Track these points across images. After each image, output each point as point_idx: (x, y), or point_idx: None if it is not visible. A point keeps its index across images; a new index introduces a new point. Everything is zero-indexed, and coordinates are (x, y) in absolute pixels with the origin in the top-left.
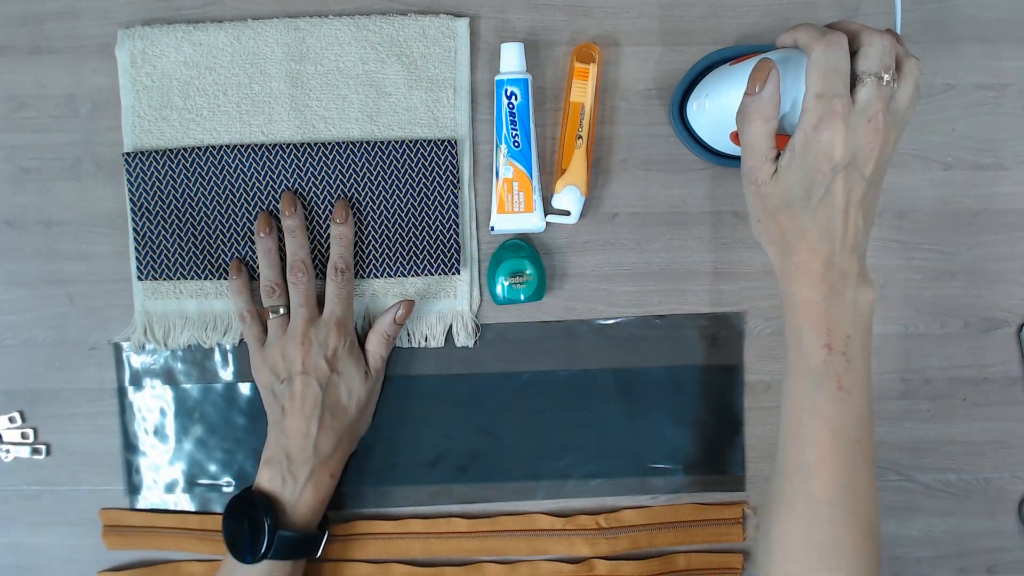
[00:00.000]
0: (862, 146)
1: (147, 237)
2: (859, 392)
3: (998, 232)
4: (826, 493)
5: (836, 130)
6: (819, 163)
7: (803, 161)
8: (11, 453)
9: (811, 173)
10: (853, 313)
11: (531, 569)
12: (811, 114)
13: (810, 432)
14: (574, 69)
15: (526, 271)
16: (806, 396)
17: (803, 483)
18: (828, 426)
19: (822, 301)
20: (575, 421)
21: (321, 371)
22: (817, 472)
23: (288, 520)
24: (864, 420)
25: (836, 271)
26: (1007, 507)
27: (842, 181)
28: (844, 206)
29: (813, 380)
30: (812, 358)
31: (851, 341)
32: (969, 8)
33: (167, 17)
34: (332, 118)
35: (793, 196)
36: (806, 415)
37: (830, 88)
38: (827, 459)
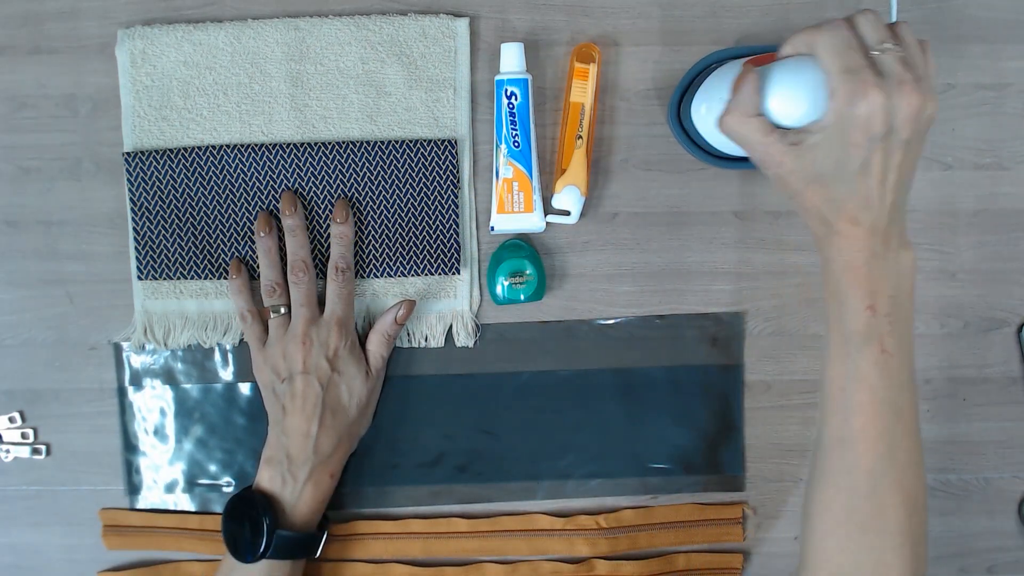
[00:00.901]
0: (900, 110)
1: (147, 237)
2: (902, 356)
3: (998, 232)
4: (868, 463)
5: (874, 100)
6: (855, 137)
7: (837, 137)
8: (11, 453)
9: (844, 147)
10: (896, 275)
11: (531, 569)
12: (842, 90)
13: (852, 399)
14: (574, 69)
15: (526, 271)
16: (848, 362)
17: (844, 455)
18: (870, 392)
19: (864, 265)
20: (575, 421)
21: (322, 371)
22: (859, 441)
23: (288, 520)
24: (906, 386)
25: (878, 237)
26: (1007, 507)
27: (880, 152)
28: (882, 174)
29: (856, 344)
30: (855, 321)
31: (894, 302)
32: (969, 8)
33: (167, 17)
34: (332, 118)
35: (823, 169)
36: (849, 382)
37: (853, 62)
38: (869, 426)
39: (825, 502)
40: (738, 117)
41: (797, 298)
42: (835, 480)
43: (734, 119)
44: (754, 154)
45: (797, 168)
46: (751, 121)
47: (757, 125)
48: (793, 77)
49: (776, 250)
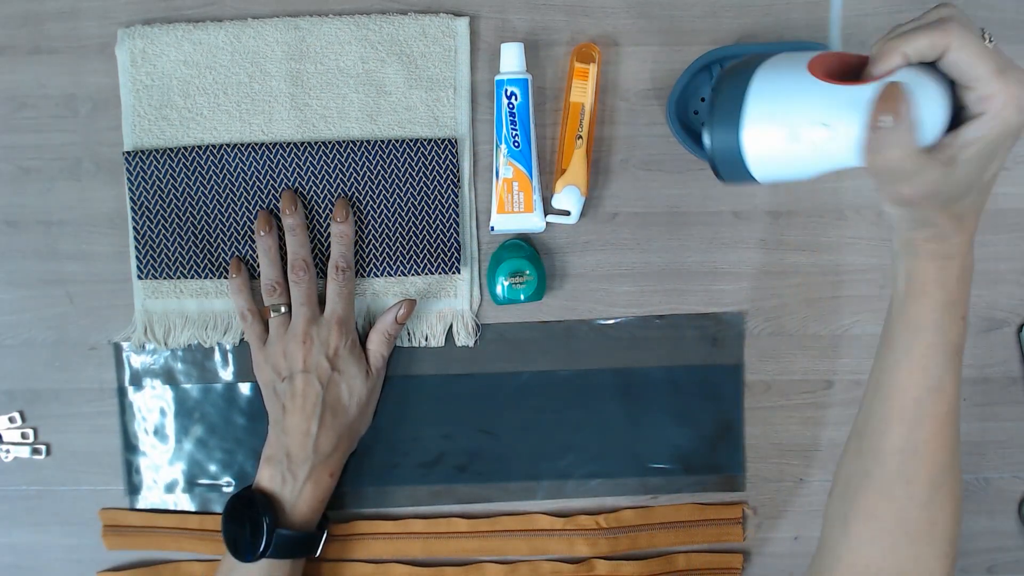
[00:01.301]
0: None
1: (147, 236)
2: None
3: (998, 232)
4: (929, 473)
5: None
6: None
7: (992, 146)
8: (11, 453)
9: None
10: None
11: (531, 569)
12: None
13: (928, 410)
14: (574, 69)
15: (526, 271)
16: (934, 372)
17: (906, 464)
18: (947, 402)
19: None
20: (575, 421)
21: (322, 370)
22: (925, 452)
23: (287, 519)
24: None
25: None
26: (1007, 507)
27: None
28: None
29: (949, 356)
30: (953, 332)
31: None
32: (969, 8)
33: (167, 17)
34: (332, 117)
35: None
36: (928, 393)
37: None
38: (938, 437)
39: (871, 509)
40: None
41: (797, 298)
42: (889, 489)
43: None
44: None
45: (944, 190)
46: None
47: (919, 156)
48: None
49: (776, 250)
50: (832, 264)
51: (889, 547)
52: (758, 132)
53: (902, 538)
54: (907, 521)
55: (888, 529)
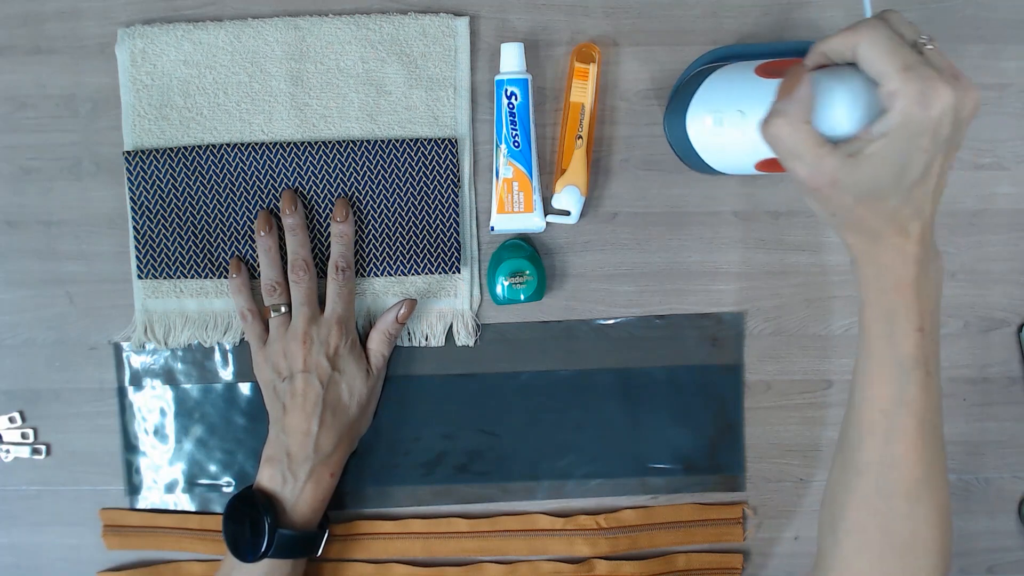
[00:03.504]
0: (965, 107)
1: (147, 236)
2: (937, 374)
3: (998, 232)
4: (907, 487)
5: (946, 100)
6: (921, 141)
7: (900, 143)
8: (11, 453)
9: (908, 153)
10: (935, 288)
11: (531, 569)
12: (908, 90)
13: (896, 423)
14: (574, 69)
15: (526, 271)
16: (894, 385)
17: (883, 476)
18: (916, 416)
19: (914, 281)
20: (575, 421)
21: (323, 369)
22: (900, 466)
23: (288, 519)
24: (939, 404)
25: (923, 247)
26: (1007, 507)
27: (942, 154)
28: (937, 178)
29: (905, 368)
30: (906, 344)
31: (934, 318)
32: (969, 8)
33: (167, 16)
34: (332, 117)
35: (881, 181)
36: (894, 406)
37: (910, 59)
38: (912, 451)
39: (857, 521)
40: (792, 122)
41: (797, 298)
42: (870, 502)
43: (787, 124)
44: (803, 168)
45: (851, 182)
46: (804, 128)
47: (809, 134)
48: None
49: (776, 250)
50: (832, 264)
51: (876, 558)
52: (695, 118)
53: (888, 550)
54: (891, 533)
55: (874, 541)
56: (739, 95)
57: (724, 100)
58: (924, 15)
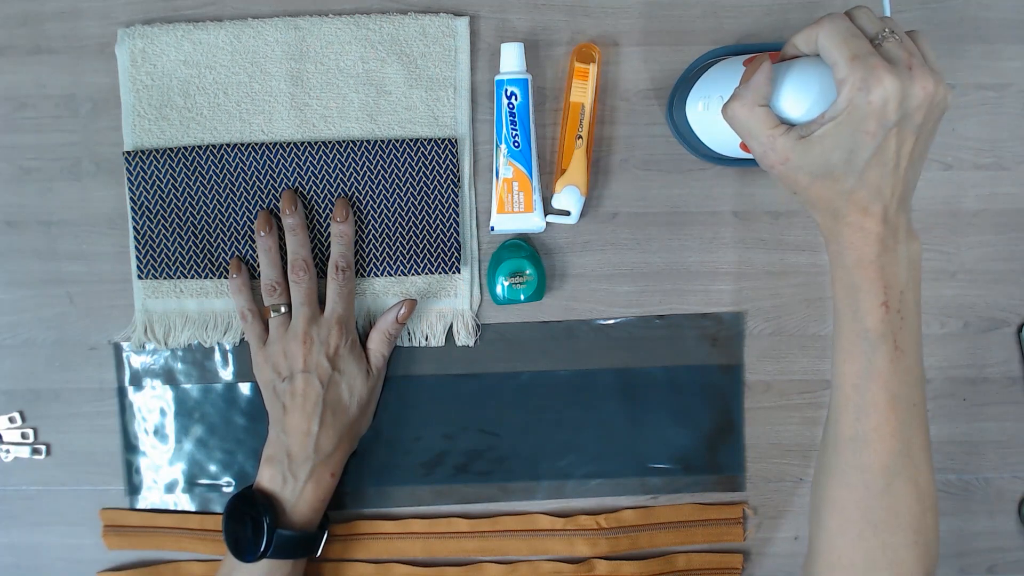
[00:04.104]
0: (915, 95)
1: (147, 236)
2: (913, 351)
3: (998, 232)
4: (883, 461)
5: (887, 86)
6: (867, 125)
7: (847, 127)
8: (11, 453)
9: (855, 136)
10: (907, 268)
11: (531, 569)
12: (853, 78)
13: (867, 397)
14: (574, 69)
15: (526, 271)
16: (862, 359)
17: (858, 453)
18: (886, 389)
19: (876, 259)
20: (575, 421)
21: (323, 369)
22: (873, 440)
23: (288, 519)
24: (919, 381)
25: (889, 227)
26: (1007, 507)
27: (894, 137)
28: (895, 161)
29: (870, 342)
30: (869, 318)
31: (904, 297)
32: (969, 8)
33: (167, 16)
34: (332, 117)
35: (832, 162)
36: (863, 380)
37: (860, 48)
38: (884, 425)
39: (837, 500)
40: (746, 104)
41: (797, 298)
42: (847, 478)
43: (741, 107)
44: (757, 147)
45: (805, 162)
46: (758, 110)
47: (764, 115)
48: (802, 72)
49: (776, 250)
50: None
51: (856, 536)
52: (692, 104)
53: (867, 527)
54: (869, 510)
55: (853, 519)
56: (725, 83)
57: (713, 88)
58: (924, 15)
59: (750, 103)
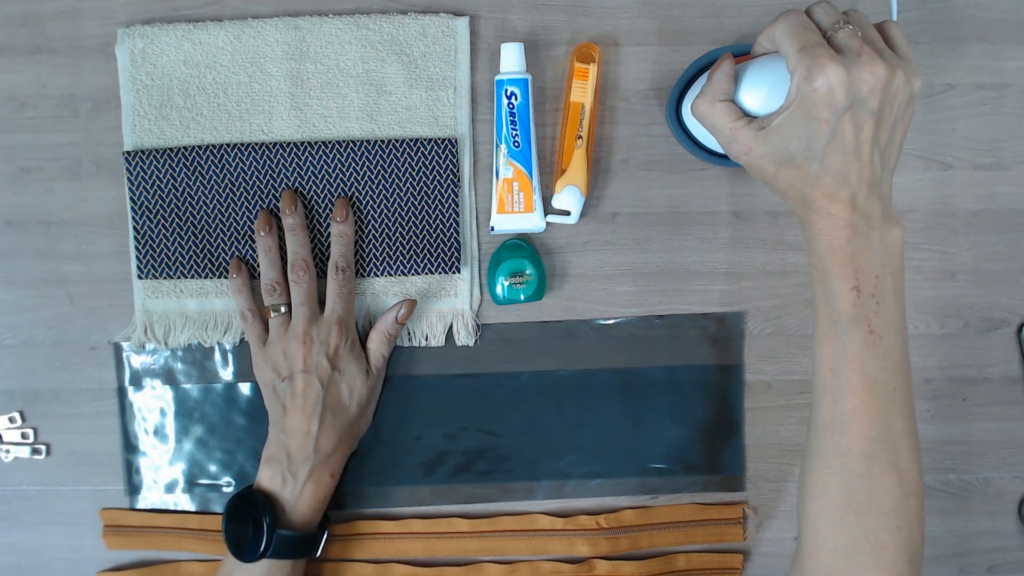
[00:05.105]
0: (863, 80)
1: (147, 236)
2: (892, 335)
3: (998, 232)
4: (861, 445)
5: (831, 72)
6: (818, 111)
7: (800, 114)
8: (11, 453)
9: (809, 123)
10: (881, 253)
11: (531, 569)
12: (800, 68)
13: (842, 381)
14: (574, 69)
15: (526, 271)
16: (836, 343)
17: (837, 436)
18: (861, 372)
19: (847, 244)
20: (575, 421)
21: (323, 369)
22: (851, 423)
23: (288, 519)
24: (899, 366)
25: (859, 213)
26: (1007, 507)
27: (849, 122)
28: (855, 146)
29: (843, 325)
30: (841, 303)
31: (880, 282)
32: (969, 8)
33: (167, 16)
34: (332, 117)
35: (791, 149)
36: (838, 363)
37: (808, 39)
38: (861, 408)
39: (819, 484)
40: (707, 100)
41: (797, 298)
42: (828, 462)
43: (703, 102)
44: (722, 139)
45: (766, 151)
46: (719, 105)
47: (724, 109)
48: (759, 67)
49: (776, 250)
50: None
51: (839, 520)
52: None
53: (848, 512)
54: (850, 493)
55: (835, 504)
56: None
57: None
58: (924, 15)
59: (710, 99)
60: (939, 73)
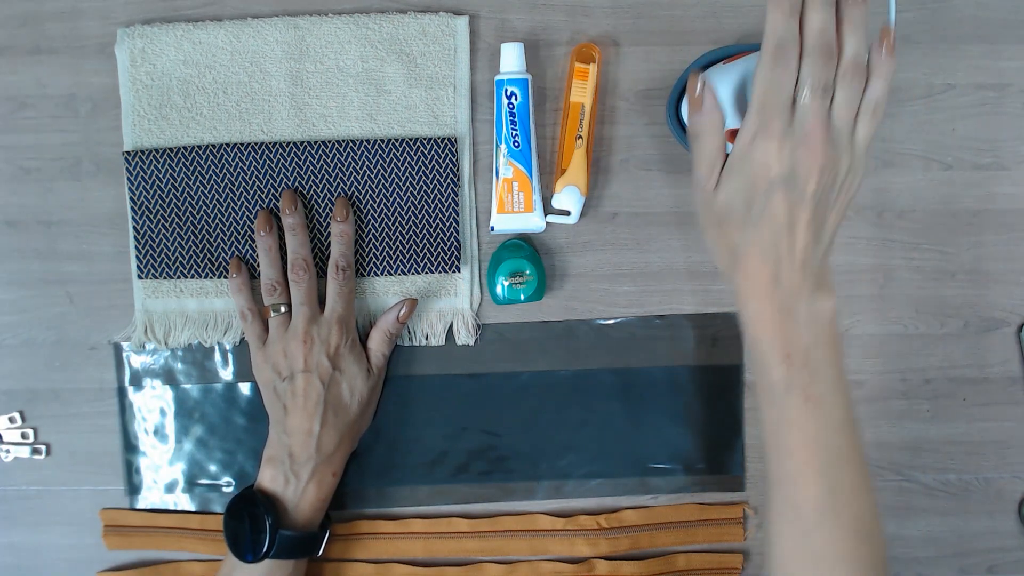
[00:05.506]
0: (800, 163)
1: (147, 236)
2: (832, 398)
3: (998, 232)
4: (811, 500)
5: (769, 146)
6: (756, 177)
7: (741, 173)
8: (11, 453)
9: (750, 186)
10: (810, 325)
11: (531, 569)
12: (749, 128)
13: (786, 442)
14: (574, 69)
15: (526, 271)
16: (775, 407)
17: (788, 492)
18: (802, 435)
19: (775, 315)
20: (575, 421)
21: (323, 369)
22: (798, 481)
23: (290, 519)
24: (842, 426)
25: (784, 288)
26: (1007, 507)
27: (782, 197)
28: (788, 224)
29: (778, 393)
30: (773, 373)
31: (811, 352)
32: (969, 8)
33: (167, 16)
34: (332, 116)
35: (734, 207)
36: (779, 427)
37: (768, 104)
38: (806, 467)
39: (779, 534)
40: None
41: None
42: (784, 514)
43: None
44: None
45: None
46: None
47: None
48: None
49: None
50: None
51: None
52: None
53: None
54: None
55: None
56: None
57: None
58: (924, 15)
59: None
60: (939, 73)
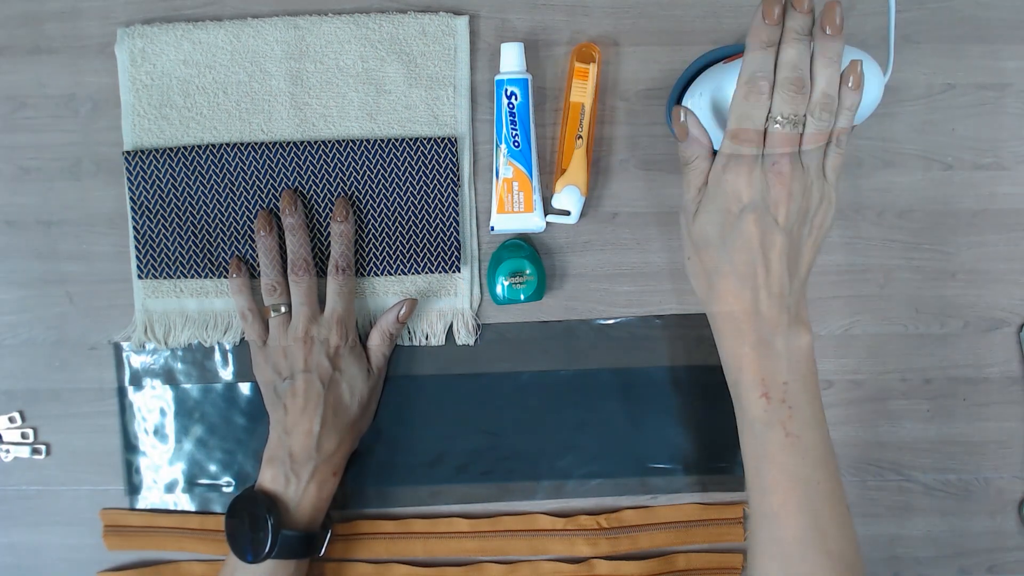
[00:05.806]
0: (770, 190)
1: (147, 235)
2: (810, 435)
3: (998, 232)
4: (793, 534)
5: (740, 173)
6: (729, 203)
7: (715, 200)
8: (11, 453)
9: (723, 211)
10: (787, 360)
11: (532, 569)
12: (722, 154)
13: (766, 479)
14: (574, 69)
15: (526, 271)
16: (756, 444)
17: (769, 527)
18: (783, 471)
19: (751, 351)
20: (575, 421)
21: (323, 369)
22: (781, 516)
23: (291, 519)
24: (821, 460)
25: (762, 320)
26: (1007, 507)
27: (753, 220)
28: (762, 252)
29: (757, 430)
30: (752, 409)
31: (790, 388)
32: (969, 8)
33: (167, 16)
34: (332, 116)
35: (709, 233)
36: (759, 462)
37: (741, 133)
38: (788, 503)
39: (763, 568)
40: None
41: None
42: (767, 548)
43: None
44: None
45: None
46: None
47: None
48: None
49: None
50: (832, 264)
51: None
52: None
53: None
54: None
55: None
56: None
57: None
58: (924, 15)
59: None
60: (939, 73)
